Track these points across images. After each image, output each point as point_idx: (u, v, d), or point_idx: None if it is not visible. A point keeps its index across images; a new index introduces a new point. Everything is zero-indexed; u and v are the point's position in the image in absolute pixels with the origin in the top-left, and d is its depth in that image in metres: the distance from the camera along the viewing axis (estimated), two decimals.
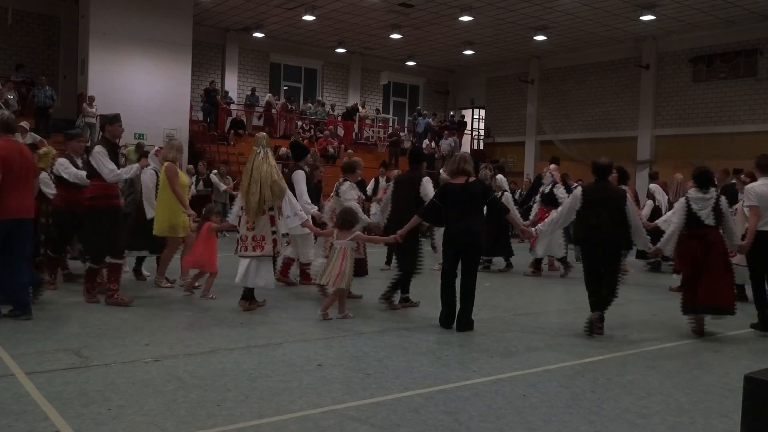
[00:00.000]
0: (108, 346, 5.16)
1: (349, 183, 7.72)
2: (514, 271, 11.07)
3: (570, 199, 6.66)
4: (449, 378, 4.71)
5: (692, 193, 6.60)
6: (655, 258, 11.04)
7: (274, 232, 6.78)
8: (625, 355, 5.63)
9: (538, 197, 11.06)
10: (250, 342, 5.49)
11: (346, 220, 6.74)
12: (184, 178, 7.99)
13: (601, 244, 6.39)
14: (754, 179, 7.35)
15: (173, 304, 7.04)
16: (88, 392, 4.04)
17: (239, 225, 6.87)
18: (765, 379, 2.94)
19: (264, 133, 7.09)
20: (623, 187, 9.86)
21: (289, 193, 7.07)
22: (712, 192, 6.58)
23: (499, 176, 11.78)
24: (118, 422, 3.59)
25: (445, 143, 24.55)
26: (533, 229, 7.08)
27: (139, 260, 8.50)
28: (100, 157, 6.61)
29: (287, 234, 7.93)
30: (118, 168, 6.75)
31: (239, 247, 6.80)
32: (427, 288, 7.72)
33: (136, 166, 7.10)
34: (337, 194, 7.73)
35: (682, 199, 6.66)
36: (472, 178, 6.47)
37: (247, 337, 5.65)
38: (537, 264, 10.77)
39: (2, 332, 5.41)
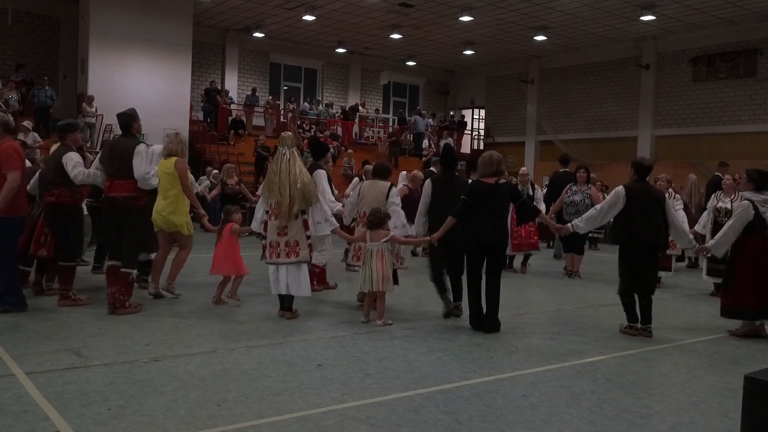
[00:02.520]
0: (108, 346, 5.16)
1: (395, 188, 7.27)
2: (513, 271, 11.09)
3: (612, 197, 6.41)
4: (449, 378, 4.71)
5: (754, 195, 6.45)
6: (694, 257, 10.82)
7: (308, 237, 6.51)
8: (625, 355, 5.63)
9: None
10: (250, 342, 5.49)
11: (375, 218, 6.48)
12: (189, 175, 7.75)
13: (647, 247, 6.31)
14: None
15: (173, 304, 7.03)
16: (88, 392, 4.04)
17: (265, 231, 6.57)
18: (765, 379, 2.93)
19: (289, 132, 6.81)
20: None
21: (320, 197, 6.75)
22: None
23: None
24: (118, 422, 3.59)
25: (446, 143, 24.60)
26: (569, 225, 6.78)
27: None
28: (145, 156, 6.54)
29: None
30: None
31: (269, 253, 6.45)
32: (422, 288, 7.71)
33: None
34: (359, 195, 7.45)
35: (747, 203, 6.40)
36: (503, 180, 6.37)
37: (247, 337, 5.65)
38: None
39: (2, 332, 5.42)
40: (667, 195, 9.70)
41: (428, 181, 7.35)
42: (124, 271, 6.48)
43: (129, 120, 6.81)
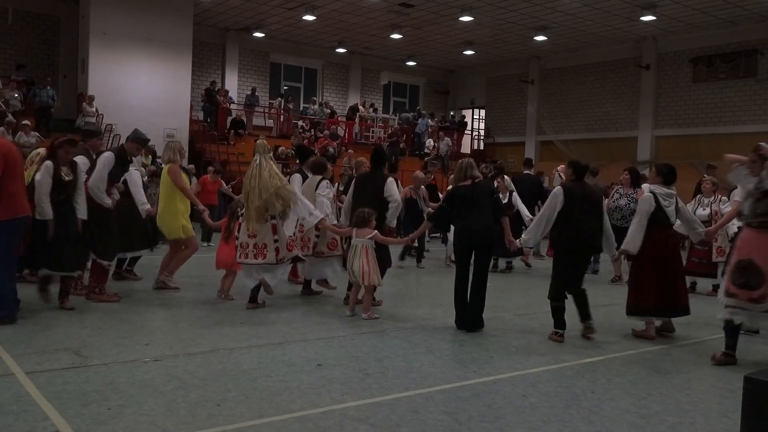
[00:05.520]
0: (108, 345, 5.16)
1: (326, 181, 7.72)
2: (514, 271, 11.09)
3: (550, 199, 6.29)
4: (449, 378, 4.71)
5: (658, 188, 6.35)
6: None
7: (276, 241, 6.78)
8: (625, 355, 5.63)
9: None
10: (250, 342, 5.49)
11: (361, 218, 6.70)
12: (185, 178, 8.08)
13: (588, 249, 6.26)
14: None
15: (173, 304, 7.04)
16: (88, 392, 4.04)
17: (238, 231, 6.91)
18: (765, 379, 2.94)
19: (262, 140, 7.13)
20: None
21: (300, 194, 7.05)
22: (674, 188, 6.42)
23: (507, 177, 11.47)
24: (118, 422, 3.59)
25: (443, 144, 24.62)
26: (518, 241, 6.71)
27: (132, 261, 8.48)
28: (104, 164, 6.84)
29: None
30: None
31: (239, 253, 6.82)
32: (422, 288, 7.71)
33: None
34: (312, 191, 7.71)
35: (649, 195, 6.30)
36: (478, 179, 6.49)
37: (247, 337, 5.65)
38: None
39: (2, 332, 5.41)
40: (711, 198, 9.10)
41: (355, 178, 7.80)
42: (98, 262, 6.82)
43: (133, 137, 7.26)
